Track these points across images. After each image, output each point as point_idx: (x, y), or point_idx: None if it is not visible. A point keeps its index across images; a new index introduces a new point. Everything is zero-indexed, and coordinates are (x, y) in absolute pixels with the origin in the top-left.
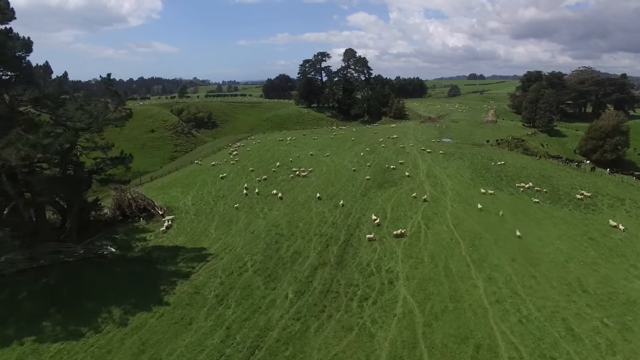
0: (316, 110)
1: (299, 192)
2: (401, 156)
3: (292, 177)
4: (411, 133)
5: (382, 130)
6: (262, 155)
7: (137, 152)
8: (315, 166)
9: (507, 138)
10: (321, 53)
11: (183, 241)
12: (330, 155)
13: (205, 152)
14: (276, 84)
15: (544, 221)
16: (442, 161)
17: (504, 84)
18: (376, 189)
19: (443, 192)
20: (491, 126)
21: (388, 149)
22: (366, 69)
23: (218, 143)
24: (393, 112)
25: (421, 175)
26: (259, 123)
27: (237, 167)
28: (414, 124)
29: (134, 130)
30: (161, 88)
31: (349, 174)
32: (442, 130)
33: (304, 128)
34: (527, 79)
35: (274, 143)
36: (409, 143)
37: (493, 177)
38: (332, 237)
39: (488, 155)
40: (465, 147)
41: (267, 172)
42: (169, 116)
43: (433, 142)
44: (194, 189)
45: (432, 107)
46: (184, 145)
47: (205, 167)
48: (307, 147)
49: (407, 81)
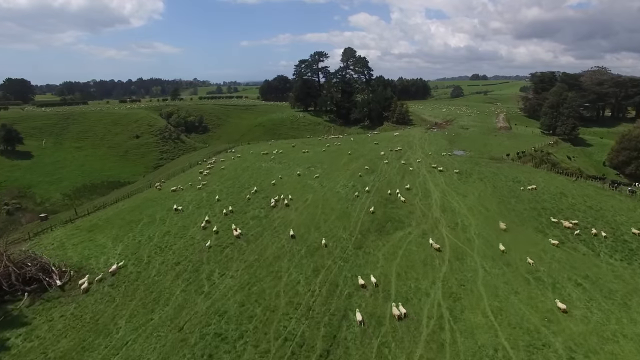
0: (313, 114)
1: (269, 240)
2: (407, 177)
3: (268, 210)
4: (417, 143)
5: (383, 139)
6: (238, 176)
7: (118, 160)
8: (300, 193)
9: (530, 151)
10: (318, 53)
11: (64, 349)
12: (320, 177)
13: (173, 170)
14: (274, 86)
15: (634, 298)
16: (459, 184)
17: (507, 84)
18: (376, 235)
19: (467, 238)
20: (506, 134)
21: (391, 166)
22: (366, 69)
23: (195, 156)
24: (396, 117)
25: (434, 208)
26: (250, 129)
27: (202, 194)
28: (420, 131)
29: (118, 136)
30: (160, 89)
31: (341, 207)
32: (452, 140)
33: (298, 134)
34: (540, 80)
35: (257, 158)
36: (416, 157)
37: (527, 211)
38: (303, 342)
39: (512, 174)
40: (483, 163)
41: (237, 202)
42: (157, 120)
43: (444, 156)
44: (133, 231)
45: (437, 110)
46: (171, 152)
47: (164, 192)
48: (294, 163)
49: (410, 82)
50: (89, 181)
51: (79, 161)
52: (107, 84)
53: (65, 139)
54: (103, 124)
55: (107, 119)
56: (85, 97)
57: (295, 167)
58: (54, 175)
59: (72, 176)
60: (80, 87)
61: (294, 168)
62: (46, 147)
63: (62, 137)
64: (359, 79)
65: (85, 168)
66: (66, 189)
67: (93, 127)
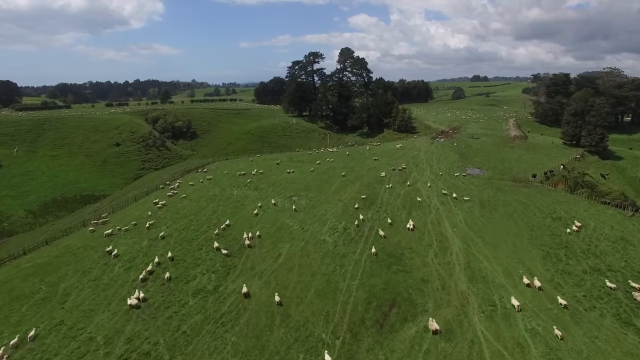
0: (307, 120)
1: (205, 349)
2: (416, 213)
3: (221, 276)
4: (424, 158)
5: (384, 153)
6: (199, 211)
7: (96, 170)
8: (273, 241)
9: (559, 169)
10: (313, 53)
11: None
12: (303, 212)
13: (126, 198)
14: (270, 88)
15: None
16: (483, 225)
17: (509, 86)
18: (374, 334)
19: (516, 339)
20: (522, 145)
21: (394, 193)
22: (365, 71)
23: (160, 176)
24: (398, 124)
25: (457, 273)
26: (238, 136)
27: (142, 242)
28: (425, 141)
29: (97, 144)
30: (157, 91)
31: (325, 270)
32: (463, 153)
33: (290, 143)
34: (553, 83)
35: (231, 181)
36: (424, 180)
37: (589, 275)
38: None
39: (547, 205)
40: (506, 188)
41: (185, 257)
42: (140, 126)
43: (457, 178)
44: (9, 319)
45: (441, 115)
46: (155, 161)
47: (96, 237)
48: (274, 189)
49: (411, 84)
50: (60, 195)
51: (53, 171)
52: (103, 85)
53: (40, 146)
54: (82, 130)
55: (87, 125)
56: (78, 100)
57: (273, 195)
58: (21, 188)
59: (42, 189)
60: (75, 88)
61: (271, 196)
62: (17, 156)
63: (36, 144)
64: (357, 81)
65: (59, 179)
66: (32, 204)
67: (71, 134)
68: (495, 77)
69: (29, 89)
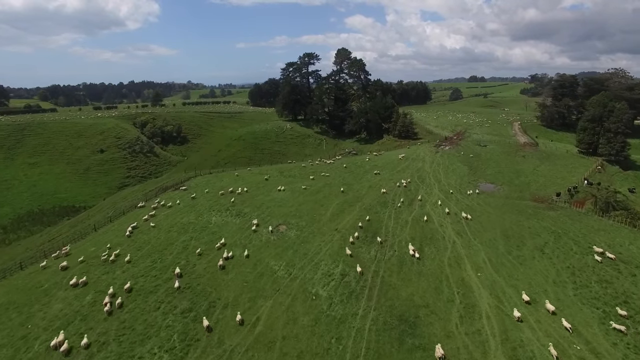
0: (302, 125)
1: None
2: (428, 248)
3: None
4: (429, 171)
5: (386, 164)
6: (168, 244)
7: (78, 178)
8: (251, 297)
9: (584, 186)
10: (308, 54)
11: None
12: (291, 248)
13: (95, 219)
14: (264, 90)
15: None
16: (512, 266)
17: (507, 86)
18: None
19: None
20: (535, 154)
21: (400, 219)
22: (363, 73)
23: (133, 194)
24: (398, 130)
25: (494, 350)
26: (229, 143)
27: (83, 300)
28: (429, 149)
29: (80, 150)
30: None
31: (317, 348)
32: (472, 164)
33: (284, 150)
34: (560, 85)
35: (211, 202)
36: (433, 199)
37: None
38: None
39: (583, 236)
40: (529, 210)
41: (138, 318)
42: (127, 131)
43: (471, 196)
44: None
45: (442, 118)
46: (141, 168)
47: (50, 274)
48: (258, 214)
49: (410, 86)
50: (37, 206)
51: (31, 180)
52: (97, 87)
53: (19, 153)
54: (64, 135)
55: (70, 130)
56: (69, 102)
57: (259, 224)
58: None
59: (17, 200)
60: (67, 90)
61: (256, 226)
62: None
63: (14, 151)
64: (354, 83)
65: (37, 189)
66: (5, 217)
67: (52, 140)
68: (492, 78)
69: (22, 91)
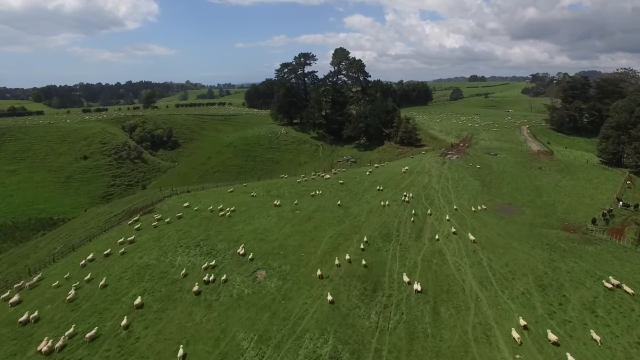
0: (298, 129)
1: None
2: (444, 308)
3: None
4: (438, 188)
5: (388, 180)
6: (114, 298)
7: (58, 187)
8: None
9: (619, 208)
10: (304, 54)
11: None
12: (266, 309)
13: (46, 250)
14: (261, 91)
15: None
16: (559, 337)
17: (507, 86)
18: None
19: None
20: (552, 164)
21: (407, 260)
22: (362, 74)
23: (102, 214)
24: (400, 136)
25: None
26: (219, 149)
27: None
28: (435, 159)
29: (62, 157)
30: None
31: None
32: (484, 178)
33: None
34: (571, 87)
35: (179, 234)
36: (446, 230)
37: None
38: None
39: (633, 279)
40: (562, 245)
41: None
42: (113, 136)
43: (488, 224)
44: None
45: (446, 121)
46: (127, 176)
47: None
48: (233, 252)
49: (411, 86)
50: (11, 219)
51: (8, 190)
52: (94, 87)
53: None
54: (47, 141)
55: (53, 135)
56: (63, 103)
57: (231, 269)
58: None
59: None
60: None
61: (227, 271)
62: None
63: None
64: (353, 85)
65: (14, 199)
66: None
67: (33, 146)
68: (492, 77)
69: (19, 91)
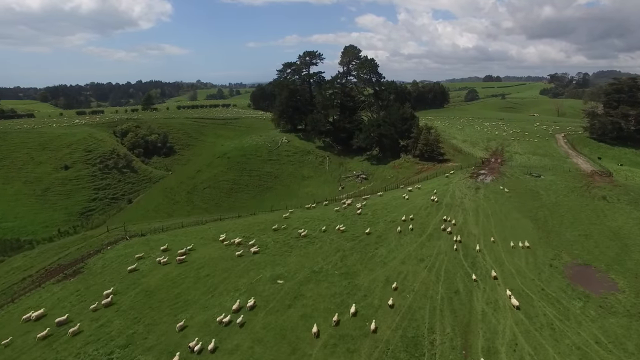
0: (302, 137)
1: None
2: None
3: None
4: (477, 232)
5: (412, 210)
6: None
7: (34, 201)
8: None
9: None
10: (309, 53)
11: None
12: None
13: None
14: (268, 92)
15: None
16: None
17: (524, 86)
18: None
19: None
20: (618, 191)
21: None
22: (375, 75)
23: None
24: (420, 150)
25: None
26: (211, 161)
27: None
28: (465, 182)
29: (41, 166)
30: (160, 92)
31: None
32: (535, 214)
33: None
34: (616, 90)
35: (98, 324)
36: (507, 332)
37: None
38: None
39: None
40: None
41: None
42: (101, 143)
43: (571, 311)
44: None
45: (469, 129)
46: (113, 188)
47: None
48: None
49: (427, 87)
50: None
51: None
52: (104, 87)
53: None
54: (26, 148)
55: (34, 142)
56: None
57: None
58: None
59: None
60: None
61: None
62: None
63: None
64: (364, 88)
65: None
66: None
67: (12, 154)
68: (506, 77)
69: (32, 90)
